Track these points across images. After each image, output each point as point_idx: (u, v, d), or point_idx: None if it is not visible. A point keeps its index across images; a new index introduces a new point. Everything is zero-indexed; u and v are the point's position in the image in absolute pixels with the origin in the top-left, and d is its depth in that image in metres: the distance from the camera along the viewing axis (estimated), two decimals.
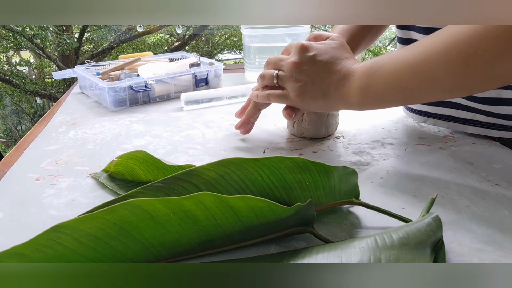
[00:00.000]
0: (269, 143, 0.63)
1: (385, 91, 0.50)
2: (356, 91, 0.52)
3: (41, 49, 5.39)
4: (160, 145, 0.64)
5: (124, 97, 0.83)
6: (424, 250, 0.33)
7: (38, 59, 6.22)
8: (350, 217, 0.43)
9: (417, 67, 0.47)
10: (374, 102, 0.52)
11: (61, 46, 5.17)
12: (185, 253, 0.36)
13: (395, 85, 0.49)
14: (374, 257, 0.32)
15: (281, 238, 0.40)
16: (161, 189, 0.38)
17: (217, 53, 6.65)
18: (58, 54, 5.59)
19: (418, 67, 0.46)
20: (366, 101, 0.52)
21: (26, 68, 6.45)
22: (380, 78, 0.50)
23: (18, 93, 5.72)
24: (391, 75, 0.49)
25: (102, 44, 6.02)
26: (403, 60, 0.48)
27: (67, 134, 0.69)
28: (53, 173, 0.55)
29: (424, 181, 0.50)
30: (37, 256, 0.30)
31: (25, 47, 5.48)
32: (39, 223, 0.44)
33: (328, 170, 0.40)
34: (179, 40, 6.53)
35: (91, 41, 6.33)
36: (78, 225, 0.31)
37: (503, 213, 0.43)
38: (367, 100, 0.52)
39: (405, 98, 0.51)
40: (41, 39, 4.93)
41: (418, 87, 0.47)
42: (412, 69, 0.47)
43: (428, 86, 0.46)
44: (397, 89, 0.49)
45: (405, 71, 0.48)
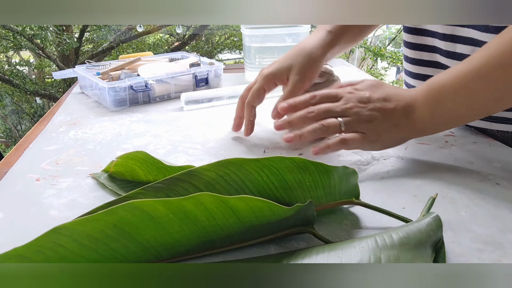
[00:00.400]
0: (269, 143, 0.63)
1: (456, 106, 0.50)
2: (427, 114, 0.51)
3: (41, 49, 5.39)
4: (160, 145, 0.64)
5: (124, 97, 0.83)
6: (424, 250, 0.33)
7: (38, 59, 6.22)
8: (350, 217, 0.43)
9: (488, 74, 0.47)
10: (448, 121, 0.52)
11: (61, 46, 5.17)
12: (185, 254, 0.36)
13: (467, 98, 0.49)
14: (374, 257, 0.32)
15: (281, 239, 0.40)
16: (161, 189, 0.38)
17: (217, 53, 6.65)
18: (58, 54, 5.59)
19: (488, 74, 0.47)
20: (439, 121, 0.52)
21: (26, 68, 6.45)
22: (448, 94, 0.50)
23: (18, 93, 5.72)
24: (458, 90, 0.50)
25: (102, 44, 6.02)
26: (468, 71, 0.49)
27: (67, 134, 0.69)
28: (53, 173, 0.55)
29: (425, 180, 0.50)
30: (38, 258, 0.30)
31: (25, 47, 5.48)
32: (39, 223, 0.44)
33: (328, 170, 0.40)
34: (179, 40, 6.53)
35: (91, 41, 6.33)
36: (78, 226, 0.31)
37: (503, 213, 0.43)
38: (440, 120, 0.52)
39: (480, 108, 0.50)
40: (41, 39, 4.93)
41: (492, 94, 0.48)
42: (483, 76, 0.48)
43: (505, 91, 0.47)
44: (469, 100, 0.49)
45: (474, 80, 0.48)
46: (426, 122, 0.52)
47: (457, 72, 0.50)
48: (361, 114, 0.52)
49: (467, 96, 0.49)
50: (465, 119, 0.53)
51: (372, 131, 0.52)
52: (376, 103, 0.53)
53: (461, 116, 0.51)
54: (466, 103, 0.50)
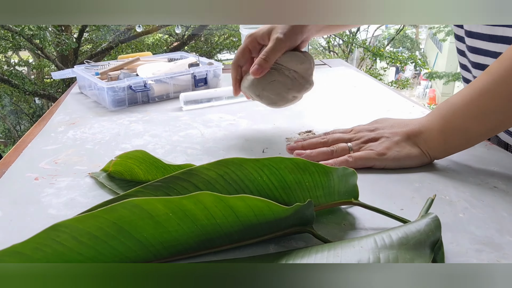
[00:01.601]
0: (269, 143, 0.63)
1: (467, 123, 0.51)
2: (437, 131, 0.52)
3: (40, 49, 5.39)
4: (159, 145, 0.64)
5: (123, 97, 0.83)
6: (423, 250, 0.33)
7: (37, 59, 6.22)
8: (349, 218, 0.43)
9: (496, 90, 0.48)
10: (460, 139, 0.52)
11: (60, 46, 5.17)
12: (184, 252, 0.36)
13: (475, 114, 0.50)
14: (373, 257, 0.32)
15: (280, 238, 0.40)
16: (160, 188, 0.38)
17: (216, 53, 6.66)
18: (57, 54, 5.59)
19: (496, 90, 0.48)
20: (450, 139, 0.52)
21: (25, 68, 6.45)
22: (457, 111, 0.51)
23: (17, 93, 5.72)
24: (467, 106, 0.50)
25: (101, 44, 6.02)
26: (476, 88, 0.50)
27: (66, 134, 0.69)
28: (52, 172, 0.55)
29: (423, 183, 0.50)
30: (36, 255, 0.30)
31: (24, 47, 5.49)
32: (38, 222, 0.44)
33: (328, 170, 0.41)
34: (178, 40, 6.54)
35: (90, 41, 6.33)
36: (77, 224, 0.31)
37: (501, 215, 0.43)
38: (450, 138, 0.52)
39: (491, 124, 0.50)
40: (40, 39, 4.92)
41: (502, 109, 0.49)
42: (492, 93, 0.49)
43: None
44: (479, 117, 0.50)
45: (483, 97, 0.49)
46: (437, 141, 0.52)
47: (466, 91, 0.51)
48: (369, 136, 0.55)
49: (478, 113, 0.50)
50: (479, 137, 0.52)
51: (379, 146, 0.54)
52: (384, 130, 0.56)
53: (472, 132, 0.51)
54: (478, 120, 0.50)
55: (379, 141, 0.54)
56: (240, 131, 0.69)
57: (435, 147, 0.53)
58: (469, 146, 0.53)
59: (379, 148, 0.53)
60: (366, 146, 0.55)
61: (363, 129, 0.57)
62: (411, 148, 0.53)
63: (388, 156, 0.53)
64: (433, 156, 0.54)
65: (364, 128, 0.58)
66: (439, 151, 0.53)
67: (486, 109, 0.49)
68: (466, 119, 0.50)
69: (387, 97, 0.88)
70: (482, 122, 0.50)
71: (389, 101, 0.84)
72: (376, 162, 0.53)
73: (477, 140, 0.52)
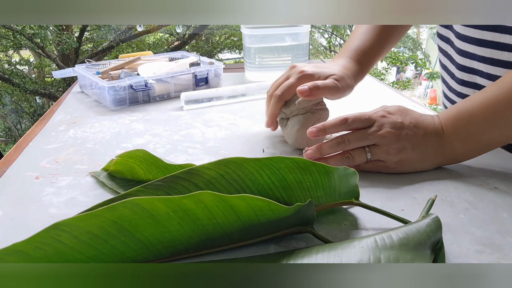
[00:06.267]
0: (269, 143, 0.63)
1: (487, 134, 0.50)
2: (457, 144, 0.52)
3: (41, 48, 5.39)
4: (160, 144, 0.64)
5: (124, 96, 0.83)
6: (423, 251, 0.33)
7: (38, 58, 6.21)
8: (350, 218, 0.43)
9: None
10: (478, 147, 0.52)
11: (61, 45, 5.16)
12: (185, 252, 0.36)
13: (498, 126, 0.50)
14: (373, 257, 0.32)
15: (280, 238, 0.40)
16: (161, 187, 0.38)
17: (217, 52, 6.66)
18: (58, 53, 5.59)
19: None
20: (469, 148, 0.52)
21: (26, 67, 6.45)
22: (477, 122, 0.50)
23: (18, 92, 5.72)
24: (488, 118, 0.50)
25: (102, 43, 6.02)
26: (498, 97, 0.50)
27: (67, 133, 0.69)
28: (53, 171, 0.55)
29: (424, 183, 0.50)
30: (37, 254, 0.30)
31: (25, 46, 5.48)
32: (39, 221, 0.44)
33: (329, 170, 0.40)
34: (179, 40, 6.53)
35: (91, 40, 6.33)
36: (78, 223, 0.31)
37: (502, 216, 0.43)
38: (471, 148, 0.52)
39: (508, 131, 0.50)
40: (41, 38, 4.92)
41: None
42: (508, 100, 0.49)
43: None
44: (500, 127, 0.50)
45: (504, 106, 0.49)
46: (456, 151, 0.52)
47: (485, 99, 0.50)
48: (391, 145, 0.51)
49: (498, 124, 0.50)
50: (497, 144, 0.52)
51: (395, 162, 0.52)
52: (408, 130, 0.51)
53: (492, 142, 0.51)
54: (498, 130, 0.50)
55: (398, 156, 0.51)
56: (241, 131, 0.69)
57: (453, 157, 0.53)
58: (487, 151, 0.53)
59: (392, 164, 0.52)
60: (385, 159, 0.52)
61: (388, 124, 0.52)
62: (431, 162, 0.53)
63: (405, 169, 0.53)
64: (446, 163, 0.54)
65: (389, 123, 0.52)
66: (457, 159, 0.54)
67: (509, 120, 0.49)
68: (488, 132, 0.50)
69: (388, 97, 0.88)
70: (504, 133, 0.50)
71: (390, 101, 0.84)
72: (383, 171, 0.53)
73: (497, 147, 0.53)
